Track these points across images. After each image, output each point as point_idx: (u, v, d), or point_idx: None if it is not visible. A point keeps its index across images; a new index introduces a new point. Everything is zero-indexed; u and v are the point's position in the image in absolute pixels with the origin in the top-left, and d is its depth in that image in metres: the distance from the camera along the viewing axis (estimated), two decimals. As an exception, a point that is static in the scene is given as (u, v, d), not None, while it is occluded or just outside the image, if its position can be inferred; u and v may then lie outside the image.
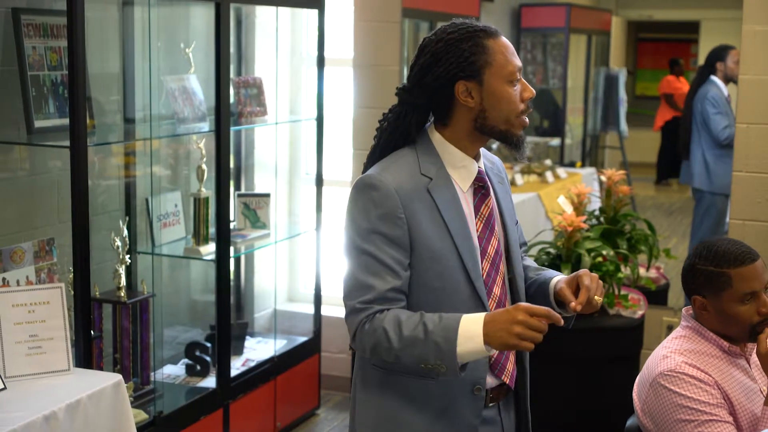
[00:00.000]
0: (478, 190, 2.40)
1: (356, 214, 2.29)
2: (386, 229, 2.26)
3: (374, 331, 2.22)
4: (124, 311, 3.87)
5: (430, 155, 2.35)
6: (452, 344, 2.17)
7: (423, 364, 2.21)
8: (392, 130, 2.38)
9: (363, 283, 2.25)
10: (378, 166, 2.34)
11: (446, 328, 2.19)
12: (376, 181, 2.28)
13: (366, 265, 2.26)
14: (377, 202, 2.26)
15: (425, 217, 2.29)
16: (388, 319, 2.22)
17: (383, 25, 4.99)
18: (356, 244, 2.28)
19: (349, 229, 2.31)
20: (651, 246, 4.79)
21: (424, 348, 2.19)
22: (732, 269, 2.67)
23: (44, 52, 3.65)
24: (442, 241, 2.30)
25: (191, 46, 4.29)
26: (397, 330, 2.21)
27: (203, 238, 4.26)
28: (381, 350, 2.23)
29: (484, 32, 2.33)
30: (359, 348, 2.28)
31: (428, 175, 2.32)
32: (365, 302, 2.24)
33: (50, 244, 3.70)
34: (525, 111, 2.35)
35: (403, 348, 2.20)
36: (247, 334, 4.91)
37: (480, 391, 2.37)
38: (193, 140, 4.32)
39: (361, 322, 2.24)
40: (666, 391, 2.65)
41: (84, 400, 3.01)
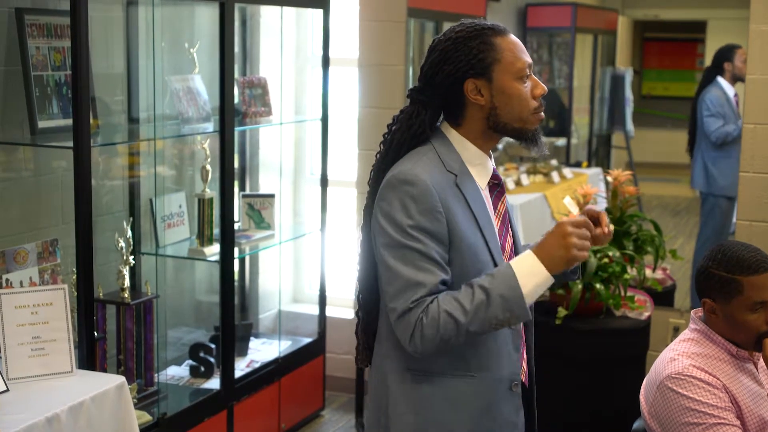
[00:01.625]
0: (494, 187, 2.42)
1: (395, 212, 2.25)
2: (428, 224, 2.23)
3: (436, 320, 2.18)
4: (128, 312, 3.85)
5: (450, 152, 2.35)
6: (516, 289, 2.18)
7: (493, 323, 2.20)
8: (404, 130, 2.38)
9: (412, 280, 2.21)
10: (404, 163, 2.32)
11: (504, 278, 2.20)
12: (412, 177, 2.26)
13: (413, 262, 2.22)
14: (417, 198, 2.24)
15: (459, 211, 2.28)
16: (444, 303, 2.19)
17: (388, 24, 4.96)
18: (399, 241, 2.24)
19: (387, 228, 2.26)
20: (657, 247, 4.76)
21: (489, 307, 2.18)
22: (744, 277, 2.64)
23: (48, 52, 3.63)
24: (475, 235, 2.30)
25: (196, 46, 4.27)
26: (458, 307, 2.18)
27: (207, 239, 4.25)
28: (449, 334, 2.19)
29: (492, 30, 2.34)
30: (423, 343, 2.20)
31: (453, 171, 2.32)
32: (416, 300, 2.21)
33: (54, 245, 3.69)
34: (538, 108, 2.35)
35: (472, 319, 2.18)
36: (252, 335, 4.89)
37: (517, 388, 2.39)
38: (198, 141, 4.30)
39: (418, 318, 2.19)
40: (673, 393, 2.63)
41: (87, 402, 3.00)
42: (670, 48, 14.61)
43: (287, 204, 5.35)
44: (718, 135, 6.16)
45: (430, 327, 2.19)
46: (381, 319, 2.43)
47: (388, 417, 2.39)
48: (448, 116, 2.40)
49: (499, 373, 2.36)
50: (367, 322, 2.49)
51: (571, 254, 2.19)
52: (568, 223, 2.21)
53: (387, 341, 2.40)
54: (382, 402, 2.41)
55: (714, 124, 6.19)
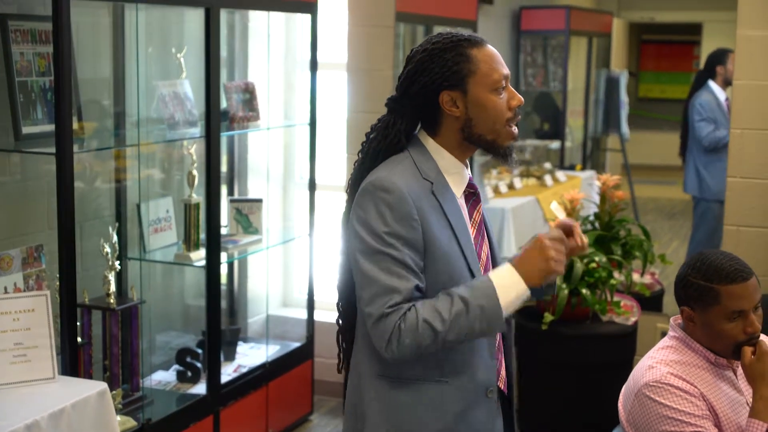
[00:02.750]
0: (470, 196, 2.43)
1: (370, 218, 2.26)
2: (404, 231, 2.24)
3: (414, 327, 2.19)
4: (113, 318, 3.85)
5: (427, 161, 2.36)
6: (495, 300, 2.22)
7: (469, 333, 2.23)
8: (381, 138, 2.38)
9: (387, 286, 2.22)
10: (380, 170, 2.32)
11: (483, 289, 2.23)
12: (389, 184, 2.26)
13: (388, 268, 2.23)
14: (392, 205, 2.25)
15: (434, 219, 2.29)
16: (423, 311, 2.21)
17: (377, 29, 4.96)
18: (374, 248, 2.24)
19: (363, 234, 2.27)
20: (646, 252, 4.77)
21: (468, 318, 2.21)
22: (722, 286, 2.63)
23: (32, 58, 3.63)
24: (450, 243, 2.31)
25: (183, 51, 4.27)
26: (437, 316, 2.20)
27: (194, 244, 4.24)
28: (426, 342, 2.20)
29: (468, 41, 2.34)
30: (400, 350, 2.22)
31: (429, 179, 2.33)
32: (393, 306, 2.21)
33: (39, 250, 3.68)
34: (512, 119, 2.35)
35: (450, 328, 2.20)
36: (240, 340, 4.89)
37: (492, 394, 2.40)
38: (184, 146, 4.30)
39: (395, 325, 2.20)
40: (651, 401, 2.63)
41: (68, 409, 2.99)
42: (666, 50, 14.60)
43: (276, 208, 5.35)
44: (710, 140, 6.16)
45: (407, 335, 2.20)
46: (358, 326, 2.43)
47: (364, 422, 2.39)
48: (424, 126, 2.40)
49: (473, 379, 2.36)
50: (346, 328, 2.51)
51: (549, 266, 2.24)
52: (545, 236, 2.26)
53: (362, 347, 2.40)
54: (358, 407, 2.42)
55: (705, 129, 6.19)
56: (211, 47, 4.02)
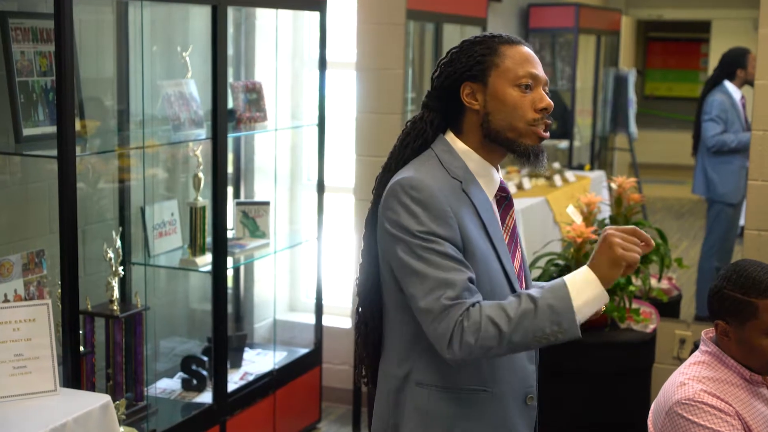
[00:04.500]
0: (502, 200, 2.33)
1: (403, 219, 2.15)
2: (441, 230, 2.13)
3: (477, 325, 2.07)
4: (117, 325, 3.73)
5: (454, 160, 2.26)
6: (567, 300, 2.08)
7: (538, 336, 2.07)
8: (409, 131, 2.32)
9: (441, 280, 2.10)
10: (406, 170, 2.23)
11: (555, 289, 2.10)
12: (417, 182, 2.16)
13: (436, 263, 2.11)
14: (424, 203, 2.14)
15: (467, 217, 2.19)
16: (488, 308, 2.08)
17: (387, 27, 4.84)
18: (415, 244, 2.13)
19: (400, 235, 2.15)
20: (663, 256, 4.64)
21: (536, 318, 2.07)
22: (760, 300, 2.50)
23: (33, 57, 3.51)
24: (484, 242, 2.21)
25: (188, 50, 4.15)
26: (502, 314, 2.07)
27: (200, 249, 4.12)
28: (490, 342, 2.07)
29: (501, 38, 2.28)
30: (463, 349, 2.08)
31: (457, 177, 2.23)
32: (452, 298, 2.09)
33: (40, 255, 3.57)
34: (538, 121, 2.23)
35: (515, 328, 2.06)
36: (247, 346, 4.77)
37: (532, 401, 2.31)
38: (190, 147, 4.17)
39: (457, 321, 2.07)
40: (683, 420, 2.51)
41: (70, 424, 2.88)
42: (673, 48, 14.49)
43: (283, 211, 5.23)
44: (715, 142, 6.04)
45: (470, 331, 2.07)
46: (388, 332, 2.32)
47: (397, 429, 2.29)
48: (450, 123, 2.31)
49: (513, 387, 2.28)
50: (366, 335, 2.39)
51: (616, 253, 2.09)
52: (611, 228, 2.14)
53: (395, 354, 2.29)
54: (390, 418, 2.31)
55: (712, 130, 6.06)
56: (218, 46, 3.89)
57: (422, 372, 2.24)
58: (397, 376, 2.28)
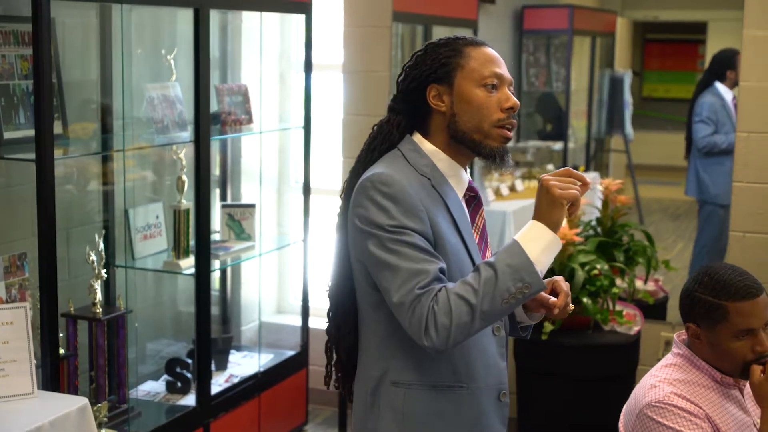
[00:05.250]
0: (471, 200, 2.34)
1: (373, 215, 2.16)
2: (412, 223, 2.14)
3: (447, 305, 2.07)
4: (99, 328, 3.73)
5: (422, 158, 2.27)
6: (523, 255, 2.08)
7: (506, 297, 2.08)
8: (376, 134, 2.33)
9: (413, 271, 2.11)
10: (375, 167, 2.24)
11: (509, 249, 2.11)
12: (387, 177, 2.17)
13: (407, 255, 2.12)
14: (395, 198, 2.15)
15: (438, 213, 2.21)
16: (453, 288, 2.09)
17: (373, 29, 4.84)
18: (387, 240, 2.14)
19: (371, 230, 2.16)
20: (649, 258, 4.64)
21: (499, 281, 2.07)
22: (731, 302, 2.50)
23: (15, 60, 3.51)
24: (455, 238, 2.23)
25: (173, 52, 4.15)
26: (467, 288, 2.08)
27: (183, 251, 4.12)
28: (464, 318, 2.07)
29: (465, 40, 2.29)
30: (439, 333, 2.08)
31: (425, 174, 2.24)
32: (423, 287, 2.10)
33: (22, 258, 3.57)
34: (503, 120, 2.24)
35: (483, 297, 2.07)
36: (233, 348, 4.77)
37: (505, 397, 2.33)
38: (173, 150, 4.17)
39: (429, 307, 2.08)
40: (653, 423, 2.50)
41: (46, 427, 2.88)
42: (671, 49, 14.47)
43: (271, 213, 5.23)
44: (705, 143, 6.04)
45: (443, 315, 2.08)
46: (362, 333, 2.33)
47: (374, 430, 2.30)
48: (417, 126, 2.32)
49: (487, 383, 2.30)
50: (339, 338, 2.40)
51: (554, 194, 2.10)
52: (546, 174, 2.17)
53: (371, 355, 2.30)
54: (368, 418, 2.32)
55: (702, 131, 6.07)
56: (201, 49, 3.90)
57: (398, 371, 2.25)
58: (373, 376, 2.29)
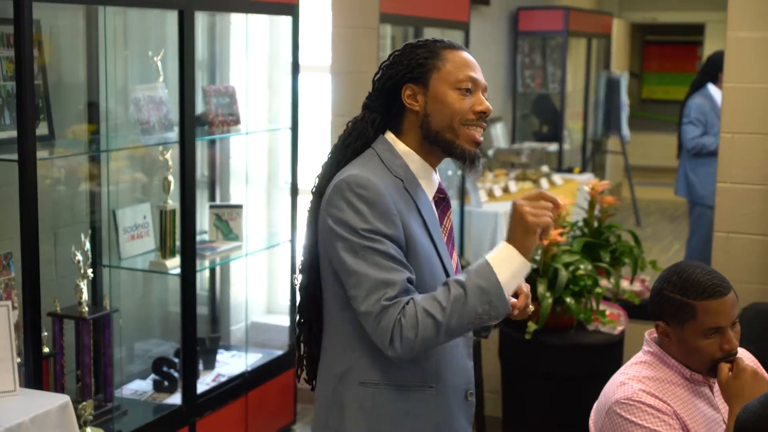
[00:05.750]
0: (440, 201, 2.38)
1: (347, 216, 2.18)
2: (385, 228, 2.17)
3: (414, 319, 2.11)
4: (85, 327, 3.76)
5: (395, 159, 2.31)
6: (493, 277, 2.12)
7: (473, 319, 2.13)
8: (351, 130, 2.36)
9: (381, 280, 2.14)
10: (351, 168, 2.27)
11: (479, 269, 2.15)
12: (364, 180, 2.20)
13: (377, 263, 2.15)
14: (370, 201, 2.18)
15: (410, 215, 2.24)
16: (422, 302, 2.13)
17: (360, 31, 4.87)
18: (358, 244, 2.16)
19: (343, 233, 2.19)
20: (636, 258, 4.66)
21: (467, 301, 2.12)
22: (698, 301, 2.51)
23: (0, 62, 3.54)
24: (426, 240, 2.26)
25: (160, 54, 4.18)
26: (435, 305, 2.12)
27: (170, 251, 4.15)
28: (429, 334, 2.12)
29: (443, 42, 2.33)
30: (404, 345, 2.12)
31: (399, 176, 2.28)
32: (390, 298, 2.13)
33: (8, 258, 3.60)
34: (473, 121, 2.29)
35: (450, 315, 2.11)
36: (222, 348, 4.80)
37: (472, 396, 2.37)
38: (159, 151, 4.20)
39: (396, 319, 2.12)
40: (621, 419, 2.53)
41: (26, 423, 2.91)
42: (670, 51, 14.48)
43: (260, 214, 5.25)
44: (694, 144, 6.06)
45: (409, 328, 2.12)
46: (327, 330, 2.36)
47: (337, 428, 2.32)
48: (390, 124, 2.35)
49: (454, 383, 2.33)
50: (309, 333, 2.43)
51: (527, 221, 2.14)
52: (519, 198, 2.20)
53: (338, 354, 2.32)
54: (332, 415, 2.33)
55: (691, 132, 6.09)
56: (185, 50, 3.92)
57: (365, 371, 2.27)
58: (336, 373, 2.31)
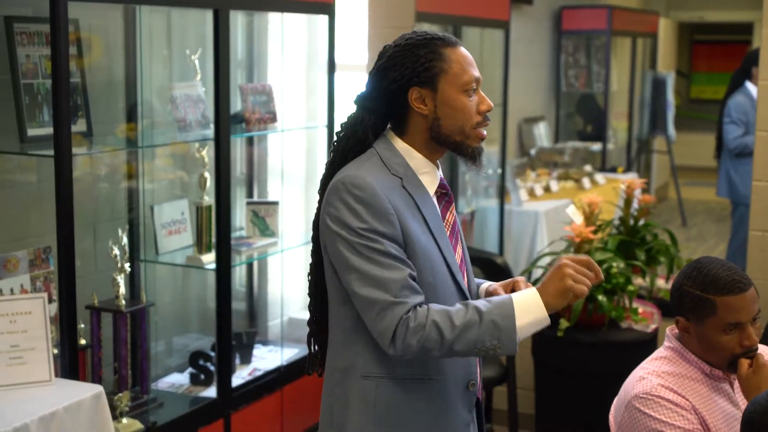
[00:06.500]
0: (442, 197, 2.39)
1: (344, 216, 2.21)
2: (382, 227, 2.20)
3: (422, 328, 2.15)
4: (122, 320, 3.84)
5: (395, 157, 2.32)
6: (511, 319, 2.15)
7: (477, 348, 2.17)
8: (349, 136, 2.35)
9: (380, 278, 2.17)
10: (348, 168, 2.29)
11: (501, 306, 2.17)
12: (360, 180, 2.22)
13: (376, 261, 2.18)
14: (365, 201, 2.20)
15: (409, 214, 2.25)
16: (435, 313, 2.16)
17: (396, 30, 4.85)
18: (356, 242, 2.19)
19: (341, 232, 2.21)
20: (672, 257, 4.66)
21: (479, 330, 2.15)
22: (718, 297, 2.52)
23: (39, 60, 3.63)
24: (426, 237, 2.27)
25: (197, 53, 4.25)
26: (447, 321, 2.15)
27: (206, 247, 4.22)
28: (431, 345, 2.16)
29: (443, 40, 2.31)
30: (404, 348, 2.16)
31: (398, 174, 2.29)
32: (394, 297, 2.17)
33: (47, 252, 3.69)
34: (481, 123, 2.32)
35: (458, 337, 2.15)
36: (259, 343, 4.86)
37: (473, 387, 2.38)
38: (195, 148, 4.28)
39: (402, 319, 2.15)
40: (640, 414, 2.54)
41: (60, 412, 2.98)
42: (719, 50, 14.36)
43: (297, 210, 5.31)
44: (736, 144, 6.01)
45: (413, 334, 2.15)
46: (332, 326, 2.39)
47: (343, 421, 2.35)
48: (392, 124, 2.37)
49: (456, 374, 2.35)
50: (317, 332, 2.48)
51: (565, 284, 2.16)
52: (567, 257, 2.22)
53: (341, 349, 2.36)
54: (336, 408, 2.37)
55: (733, 132, 6.04)
56: (221, 49, 3.99)
57: (368, 364, 2.29)
58: (339, 368, 2.35)
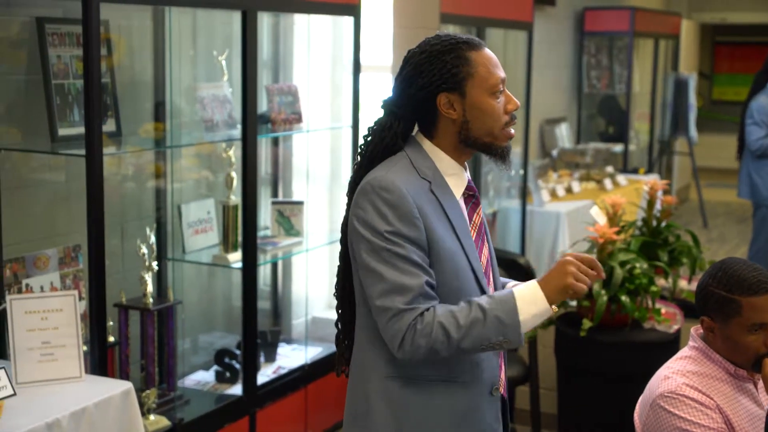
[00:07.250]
0: (469, 199, 2.42)
1: (371, 218, 2.24)
2: (407, 230, 2.23)
3: (429, 330, 2.19)
4: (149, 318, 3.89)
5: (424, 160, 2.35)
6: (514, 313, 2.20)
7: (484, 344, 2.21)
8: (377, 141, 2.38)
9: (397, 284, 2.21)
10: (377, 170, 2.32)
11: (503, 301, 2.21)
12: (388, 183, 2.25)
13: (396, 266, 2.21)
14: (393, 204, 2.23)
15: (435, 218, 2.28)
16: (440, 314, 2.20)
17: (421, 31, 4.91)
18: (379, 245, 2.23)
19: (366, 234, 2.25)
20: (695, 258, 4.67)
21: (484, 327, 2.19)
22: (744, 297, 2.55)
23: (69, 60, 3.68)
24: (452, 240, 2.30)
25: (224, 53, 4.30)
26: (452, 321, 2.19)
27: (232, 246, 4.27)
28: (439, 346, 2.20)
29: (467, 44, 2.33)
30: (413, 351, 2.21)
31: (426, 177, 2.32)
32: (407, 303, 2.20)
33: (76, 250, 3.74)
34: (509, 123, 2.35)
35: (464, 335, 2.19)
36: (283, 342, 4.90)
37: (497, 392, 2.40)
38: (222, 148, 4.32)
39: (410, 325, 2.19)
40: (665, 413, 2.57)
41: (90, 408, 3.02)
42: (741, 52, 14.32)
43: (322, 210, 5.35)
44: (758, 146, 6.01)
45: (421, 336, 2.19)
46: (357, 326, 2.43)
47: (369, 425, 2.38)
48: (421, 127, 2.40)
49: (480, 378, 2.37)
50: (344, 332, 2.52)
51: (566, 281, 2.21)
52: (571, 254, 2.26)
53: (368, 350, 2.38)
54: (360, 407, 2.40)
55: (755, 134, 6.04)
56: (248, 50, 4.03)
57: (391, 365, 2.32)
58: (364, 367, 2.38)
